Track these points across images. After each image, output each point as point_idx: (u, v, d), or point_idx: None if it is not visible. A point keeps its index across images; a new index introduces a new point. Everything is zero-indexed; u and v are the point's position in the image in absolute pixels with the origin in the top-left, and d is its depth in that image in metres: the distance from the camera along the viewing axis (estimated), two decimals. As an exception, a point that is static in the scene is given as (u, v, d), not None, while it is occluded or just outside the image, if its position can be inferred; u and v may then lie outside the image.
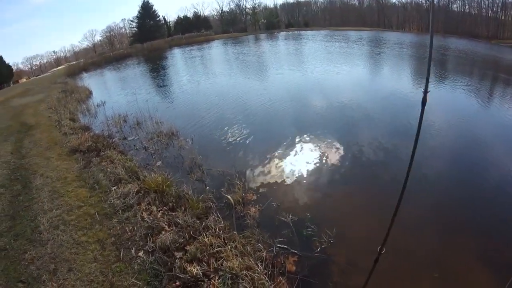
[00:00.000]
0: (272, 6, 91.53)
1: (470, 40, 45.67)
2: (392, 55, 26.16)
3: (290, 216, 5.19)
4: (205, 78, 21.15)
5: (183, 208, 5.16)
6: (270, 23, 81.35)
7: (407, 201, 5.46)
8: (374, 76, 17.57)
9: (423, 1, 72.00)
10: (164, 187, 5.79)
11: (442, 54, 26.91)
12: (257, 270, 3.78)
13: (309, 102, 12.06)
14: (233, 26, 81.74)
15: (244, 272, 3.66)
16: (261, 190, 6.24)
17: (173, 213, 5.02)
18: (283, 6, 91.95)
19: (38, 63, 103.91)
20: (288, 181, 6.53)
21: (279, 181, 6.56)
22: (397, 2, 78.14)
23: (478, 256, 4.43)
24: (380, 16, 79.68)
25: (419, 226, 4.94)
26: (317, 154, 7.59)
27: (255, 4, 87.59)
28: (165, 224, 4.70)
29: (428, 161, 7.03)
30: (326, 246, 4.50)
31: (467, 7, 65.35)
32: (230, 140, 9.11)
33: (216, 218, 4.93)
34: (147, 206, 5.29)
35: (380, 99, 12.19)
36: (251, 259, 3.98)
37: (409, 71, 18.96)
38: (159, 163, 7.88)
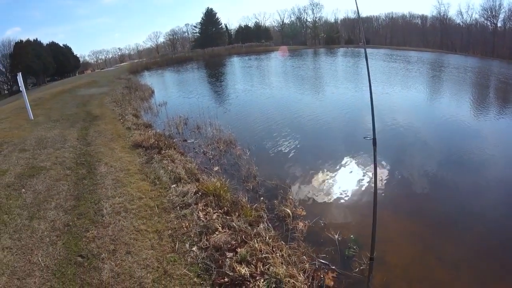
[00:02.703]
0: (332, 20, 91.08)
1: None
2: (449, 80, 25.45)
3: (335, 235, 5.39)
4: (261, 89, 21.77)
5: (237, 214, 5.47)
6: (329, 38, 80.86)
7: (451, 234, 5.54)
8: (429, 101, 17.24)
9: (489, 24, 68.37)
10: (221, 192, 6.10)
11: (504, 83, 25.59)
12: (299, 279, 4.02)
13: (361, 121, 12.10)
14: (292, 39, 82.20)
15: (287, 279, 3.90)
16: (310, 206, 6.46)
17: (227, 217, 5.33)
18: (344, 21, 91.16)
19: (103, 57, 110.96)
20: (337, 201, 6.71)
21: (328, 200, 6.76)
22: (461, 23, 74.76)
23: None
24: (443, 37, 76.46)
25: (458, 264, 4.94)
26: (367, 176, 7.68)
27: (316, 18, 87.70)
28: (219, 226, 5.00)
29: (481, 196, 6.91)
30: (365, 268, 4.62)
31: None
32: (284, 153, 9.40)
33: (267, 227, 5.22)
34: (203, 207, 5.63)
35: (434, 125, 12.07)
36: (294, 269, 4.22)
37: (464, 99, 18.31)
38: (216, 168, 8.27)
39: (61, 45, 72.58)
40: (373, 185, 4.32)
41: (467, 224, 5.92)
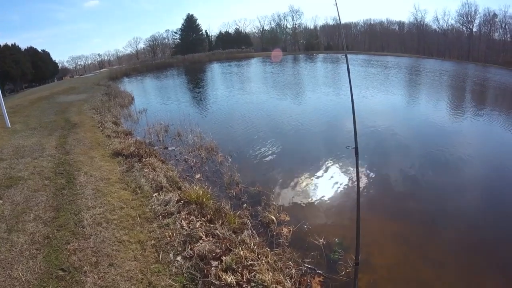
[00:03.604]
0: (312, 27, 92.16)
1: (510, 70, 43.98)
2: (425, 84, 26.18)
3: (319, 239, 5.41)
4: (242, 94, 21.86)
5: (220, 221, 5.41)
6: (309, 44, 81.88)
7: (434, 233, 5.65)
8: (406, 104, 17.69)
9: (464, 29, 70.46)
10: (204, 200, 6.04)
11: (478, 85, 26.55)
12: (286, 285, 4.03)
13: (342, 124, 12.27)
14: (273, 45, 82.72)
15: (274, 285, 3.90)
16: (294, 212, 6.47)
17: (211, 225, 5.28)
18: (323, 27, 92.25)
19: (82, 63, 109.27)
20: (320, 205, 6.77)
21: (311, 204, 6.81)
22: (437, 29, 76.79)
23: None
24: (420, 42, 78.23)
25: (442, 261, 5.03)
26: (349, 179, 7.78)
27: (295, 24, 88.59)
28: (203, 234, 4.94)
29: (460, 195, 7.16)
30: (351, 270, 4.64)
31: (508, 35, 63.71)
32: (266, 159, 9.42)
33: (251, 234, 5.21)
34: (186, 216, 5.55)
35: (412, 128, 12.38)
36: (281, 275, 4.21)
37: (440, 101, 18.74)
38: (198, 175, 8.19)
39: (39, 50, 70.95)
40: (355, 187, 4.37)
41: (448, 222, 6.07)
